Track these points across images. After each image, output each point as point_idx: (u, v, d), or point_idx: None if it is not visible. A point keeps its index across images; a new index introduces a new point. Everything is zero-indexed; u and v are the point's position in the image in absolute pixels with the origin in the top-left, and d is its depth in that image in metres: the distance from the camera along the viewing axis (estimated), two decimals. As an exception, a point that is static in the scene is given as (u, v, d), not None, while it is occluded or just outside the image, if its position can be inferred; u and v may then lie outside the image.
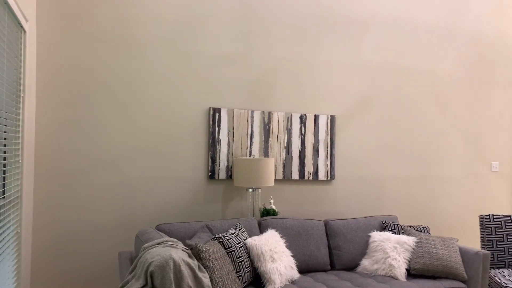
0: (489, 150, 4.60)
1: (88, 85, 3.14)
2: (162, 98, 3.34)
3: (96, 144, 3.15)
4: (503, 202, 4.66)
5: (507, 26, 4.71)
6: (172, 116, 3.37)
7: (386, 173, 4.11)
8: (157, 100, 3.33)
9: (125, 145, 3.23)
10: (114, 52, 3.21)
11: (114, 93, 3.21)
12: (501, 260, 3.45)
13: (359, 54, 4.03)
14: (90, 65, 3.15)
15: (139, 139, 3.27)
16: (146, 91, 3.30)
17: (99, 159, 3.15)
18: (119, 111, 3.22)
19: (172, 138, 3.37)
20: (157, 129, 3.33)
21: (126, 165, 3.22)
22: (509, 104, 4.71)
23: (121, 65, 3.23)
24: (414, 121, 4.25)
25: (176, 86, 3.39)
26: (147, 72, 3.30)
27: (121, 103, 3.23)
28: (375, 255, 3.11)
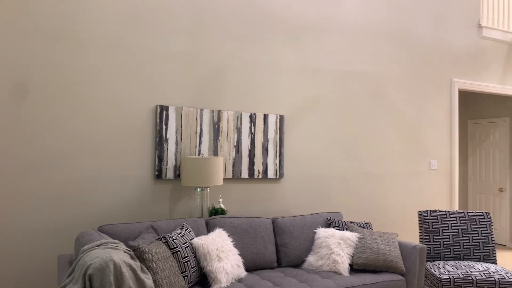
0: (428, 149, 4.86)
1: (25, 80, 2.98)
2: (106, 95, 3.23)
3: (33, 143, 2.99)
4: (441, 199, 4.95)
5: (445, 32, 5.00)
6: (116, 114, 3.27)
7: (332, 171, 4.23)
8: (101, 97, 3.22)
9: (65, 144, 3.09)
10: (52, 46, 3.07)
11: (53, 90, 3.06)
12: (437, 253, 3.66)
13: (307, 55, 4.11)
14: (26, 60, 2.99)
15: (80, 138, 3.14)
16: (89, 88, 3.18)
17: (37, 158, 3.00)
18: (59, 108, 3.08)
19: (116, 137, 3.27)
20: (101, 127, 3.22)
21: (67, 164, 3.09)
22: (445, 105, 5.00)
23: (61, 61, 3.09)
24: (359, 122, 4.40)
25: (121, 83, 3.29)
26: (88, 68, 3.18)
27: (61, 99, 3.09)
28: (320, 251, 3.19)
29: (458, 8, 5.11)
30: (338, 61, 4.28)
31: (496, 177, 6.22)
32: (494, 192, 6.24)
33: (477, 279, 3.14)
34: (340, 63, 4.29)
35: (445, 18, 5.00)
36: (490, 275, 3.17)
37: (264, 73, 3.91)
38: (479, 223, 3.70)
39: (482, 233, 3.67)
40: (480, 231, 3.68)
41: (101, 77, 3.22)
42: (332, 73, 4.25)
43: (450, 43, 5.04)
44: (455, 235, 3.68)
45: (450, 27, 5.04)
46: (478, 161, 6.49)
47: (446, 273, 3.22)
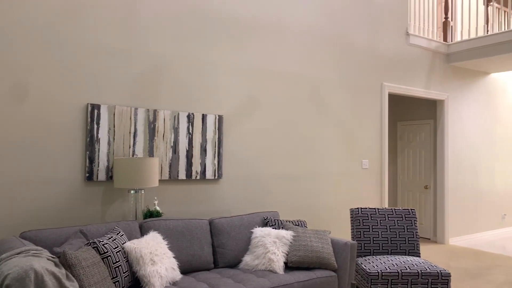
0: (360, 149, 5.10)
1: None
2: (33, 92, 3.03)
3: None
4: (372, 196, 5.21)
5: (377, 39, 5.27)
6: (43, 112, 3.07)
7: (271, 171, 4.30)
8: (27, 94, 3.00)
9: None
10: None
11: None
12: (367, 248, 3.84)
13: (246, 56, 4.14)
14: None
15: (4, 137, 2.91)
16: (15, 84, 2.95)
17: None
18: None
19: (44, 136, 3.07)
20: (27, 126, 3.00)
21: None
22: (377, 107, 5.27)
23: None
24: (297, 122, 4.51)
25: (49, 79, 3.09)
26: (14, 63, 2.96)
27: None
28: (256, 250, 3.23)
29: (389, 16, 5.41)
30: (278, 63, 4.36)
31: (422, 175, 6.66)
32: (420, 189, 6.69)
33: (403, 272, 3.34)
34: (280, 65, 4.37)
35: (377, 25, 5.27)
36: (414, 267, 3.39)
37: (203, 72, 3.88)
38: (405, 219, 3.94)
39: (408, 228, 3.91)
40: (406, 227, 3.92)
41: (28, 72, 3.01)
42: (271, 74, 4.31)
43: (381, 49, 5.32)
44: (384, 231, 3.89)
45: (382, 34, 5.33)
46: (406, 161, 6.92)
47: (375, 267, 3.39)
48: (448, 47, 6.17)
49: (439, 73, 6.09)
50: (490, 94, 6.95)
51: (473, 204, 6.64)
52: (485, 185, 6.85)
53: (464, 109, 6.50)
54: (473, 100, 6.64)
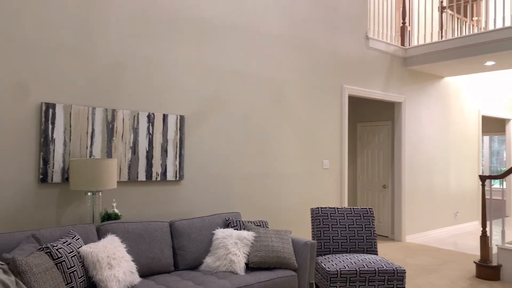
0: (321, 149, 5.20)
1: None
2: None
3: None
4: (332, 196, 5.32)
5: (338, 42, 5.38)
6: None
7: (233, 171, 4.30)
8: (-28, 92, 2.84)
9: None
10: None
11: None
12: (327, 247, 3.92)
13: (209, 56, 4.12)
14: None
15: None
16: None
17: None
18: None
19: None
20: (-28, 126, 2.85)
21: None
22: (337, 109, 5.39)
23: None
24: (259, 123, 4.53)
25: (0, 76, 2.95)
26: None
27: None
28: (218, 252, 3.22)
29: (349, 21, 5.55)
30: (241, 64, 4.36)
31: (380, 175, 6.88)
32: (379, 188, 6.90)
33: (360, 270, 3.43)
34: (243, 66, 4.37)
35: (338, 29, 5.39)
36: (371, 265, 3.50)
37: (165, 72, 3.82)
38: (363, 218, 4.06)
39: (366, 227, 4.03)
40: (364, 225, 4.03)
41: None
42: (234, 75, 4.31)
43: (342, 52, 5.44)
44: (343, 230, 3.98)
45: (342, 37, 5.45)
46: (366, 161, 7.12)
47: (334, 266, 3.47)
48: (405, 51, 6.40)
49: (397, 76, 6.31)
50: (444, 97, 7.27)
51: (428, 203, 6.93)
52: (439, 184, 7.17)
53: (420, 111, 6.77)
54: (428, 103, 6.93)
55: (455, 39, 5.82)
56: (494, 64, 6.12)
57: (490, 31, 5.44)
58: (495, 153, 13.89)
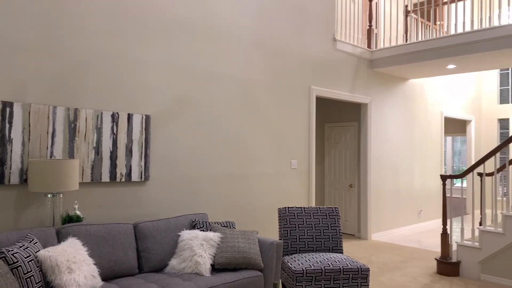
0: (289, 150, 5.24)
1: None
2: None
3: None
4: (300, 195, 5.38)
5: (306, 43, 5.44)
6: None
7: (201, 172, 4.27)
8: None
9: None
10: None
11: None
12: (293, 246, 3.96)
13: (177, 55, 4.06)
14: None
15: None
16: None
17: None
18: None
19: None
20: None
21: None
22: (305, 110, 5.44)
23: None
24: (227, 123, 4.52)
25: (-50, 73, 2.80)
26: None
27: None
28: (183, 253, 3.18)
29: (317, 22, 5.62)
30: (210, 63, 4.33)
31: (347, 175, 7.00)
32: (346, 188, 7.02)
33: (326, 269, 3.48)
34: (212, 66, 4.35)
35: (306, 30, 5.45)
36: (336, 264, 3.55)
37: (131, 71, 3.74)
38: (329, 217, 4.12)
39: (332, 226, 4.09)
40: (330, 225, 4.09)
41: None
42: (203, 74, 4.28)
43: (310, 53, 5.50)
44: (309, 229, 4.03)
45: (310, 39, 5.51)
46: (333, 161, 7.24)
47: (300, 265, 3.50)
48: (371, 53, 6.54)
49: (363, 77, 6.44)
50: (409, 98, 7.49)
51: (393, 202, 7.11)
52: (404, 183, 7.37)
53: (385, 112, 6.94)
54: (393, 104, 7.11)
55: (418, 43, 5.99)
56: (455, 67, 6.35)
57: (451, 36, 5.64)
58: (457, 152, 14.42)
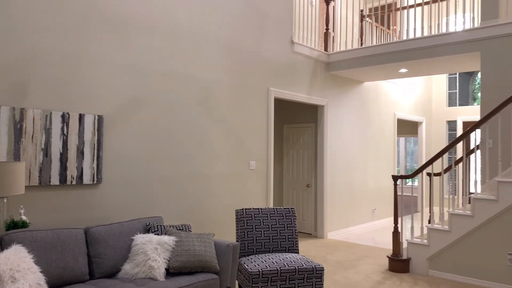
0: (248, 151, 5.25)
1: None
2: None
3: None
4: (259, 196, 5.41)
5: (264, 44, 5.47)
6: None
7: (156, 174, 4.19)
8: None
9: None
10: None
11: None
12: (250, 248, 3.97)
13: (132, 54, 3.96)
14: None
15: None
16: None
17: None
18: None
19: None
20: None
21: None
22: (263, 111, 5.48)
23: None
24: (184, 123, 4.46)
25: None
26: None
27: None
28: (137, 258, 3.11)
29: (275, 25, 5.66)
30: (166, 63, 4.25)
31: (305, 175, 7.12)
32: (303, 188, 7.14)
33: (281, 269, 3.52)
34: (168, 65, 4.27)
35: (264, 32, 5.48)
36: (292, 264, 3.60)
37: (81, 69, 3.61)
38: (285, 217, 4.17)
39: (288, 226, 4.14)
40: (286, 225, 4.14)
41: None
42: (159, 74, 4.20)
43: (268, 55, 5.54)
44: (266, 230, 4.06)
45: (268, 41, 5.55)
46: (291, 161, 7.33)
47: (256, 266, 3.52)
48: (328, 56, 6.68)
49: (320, 80, 6.57)
50: (364, 101, 7.72)
51: (348, 200, 7.31)
52: (359, 182, 7.59)
53: (341, 114, 7.11)
54: (349, 106, 7.31)
55: (373, 47, 6.19)
56: (407, 71, 6.62)
57: (403, 41, 5.87)
58: (410, 152, 15.04)
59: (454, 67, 6.30)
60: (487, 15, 5.18)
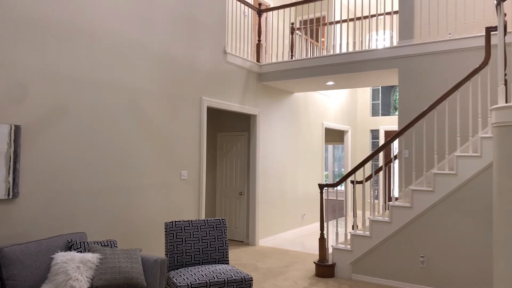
0: (180, 160, 5.20)
1: None
2: None
3: None
4: (190, 207, 5.36)
5: (197, 55, 5.46)
6: None
7: (80, 186, 3.99)
8: None
9: None
10: None
11: None
12: (180, 261, 3.93)
13: (54, 60, 3.75)
14: None
15: None
16: None
17: None
18: None
19: None
20: None
21: None
22: (196, 120, 5.46)
23: None
24: (111, 133, 4.31)
25: None
26: None
27: None
28: (56, 278, 2.95)
29: (208, 35, 5.68)
30: (92, 70, 4.08)
31: (238, 183, 7.19)
32: (236, 195, 7.21)
33: (210, 282, 3.53)
34: (95, 72, 4.10)
35: (197, 42, 5.47)
36: (221, 276, 3.63)
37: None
38: (216, 229, 4.18)
39: (218, 237, 4.16)
40: (217, 236, 4.16)
41: None
42: (85, 82, 4.01)
43: (201, 65, 5.53)
44: (196, 242, 4.04)
45: (202, 50, 5.55)
46: (224, 169, 7.37)
47: (185, 280, 3.50)
48: (260, 67, 6.83)
49: (252, 90, 6.69)
50: (294, 110, 7.99)
51: (279, 207, 7.50)
52: (289, 189, 7.83)
53: (273, 123, 7.30)
54: (280, 115, 7.52)
55: (302, 60, 6.44)
56: (334, 84, 6.96)
57: (330, 56, 6.18)
58: (337, 159, 15.79)
59: (376, 81, 6.74)
60: (404, 35, 5.63)
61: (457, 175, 4.39)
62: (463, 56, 5.22)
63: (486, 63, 4.45)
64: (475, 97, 5.09)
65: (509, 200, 2.91)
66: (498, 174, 3.04)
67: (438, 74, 5.38)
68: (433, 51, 5.39)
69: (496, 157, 3.08)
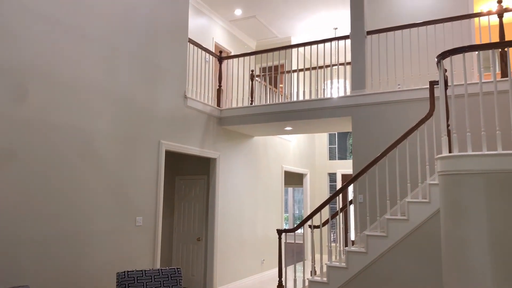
0: (135, 206, 5.06)
1: None
2: None
3: None
4: (145, 254, 5.17)
5: (157, 98, 5.49)
6: None
7: (26, 234, 3.78)
8: None
9: None
10: None
11: None
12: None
13: (2, 102, 3.64)
14: None
15: None
16: None
17: None
18: None
19: None
20: None
21: None
22: (154, 164, 5.38)
23: None
24: (62, 178, 4.16)
25: None
26: None
27: None
28: None
29: (169, 79, 5.75)
30: (42, 111, 3.98)
31: (196, 228, 7.05)
32: (194, 241, 7.04)
33: (164, 336, 3.37)
34: (44, 114, 4.00)
35: (157, 86, 5.51)
36: (175, 329, 3.47)
37: None
38: (170, 279, 4.04)
39: (172, 287, 4.01)
40: (171, 286, 4.01)
41: None
42: (34, 123, 3.90)
43: (160, 108, 5.55)
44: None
45: (161, 94, 5.58)
46: (182, 213, 7.23)
47: (136, 335, 3.31)
48: (220, 112, 6.93)
49: (212, 134, 6.74)
50: (254, 154, 8.08)
51: (238, 253, 7.38)
52: (248, 233, 7.75)
53: (232, 167, 7.32)
54: (240, 159, 7.57)
55: (261, 106, 6.61)
56: (291, 129, 7.16)
57: (288, 103, 6.39)
58: (297, 201, 15.91)
59: (332, 128, 7.00)
60: (356, 85, 5.95)
61: (409, 220, 4.55)
62: (411, 106, 5.57)
63: (431, 114, 4.76)
64: (422, 145, 5.39)
65: (456, 245, 3.04)
66: (445, 220, 3.19)
67: (388, 122, 5.68)
68: (383, 101, 5.71)
69: (443, 204, 3.24)
